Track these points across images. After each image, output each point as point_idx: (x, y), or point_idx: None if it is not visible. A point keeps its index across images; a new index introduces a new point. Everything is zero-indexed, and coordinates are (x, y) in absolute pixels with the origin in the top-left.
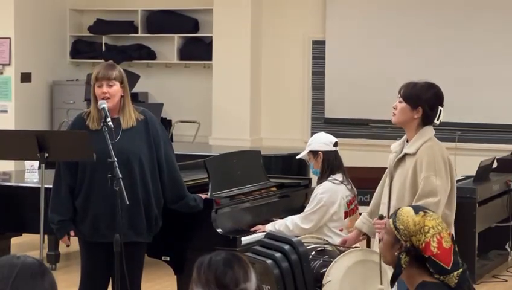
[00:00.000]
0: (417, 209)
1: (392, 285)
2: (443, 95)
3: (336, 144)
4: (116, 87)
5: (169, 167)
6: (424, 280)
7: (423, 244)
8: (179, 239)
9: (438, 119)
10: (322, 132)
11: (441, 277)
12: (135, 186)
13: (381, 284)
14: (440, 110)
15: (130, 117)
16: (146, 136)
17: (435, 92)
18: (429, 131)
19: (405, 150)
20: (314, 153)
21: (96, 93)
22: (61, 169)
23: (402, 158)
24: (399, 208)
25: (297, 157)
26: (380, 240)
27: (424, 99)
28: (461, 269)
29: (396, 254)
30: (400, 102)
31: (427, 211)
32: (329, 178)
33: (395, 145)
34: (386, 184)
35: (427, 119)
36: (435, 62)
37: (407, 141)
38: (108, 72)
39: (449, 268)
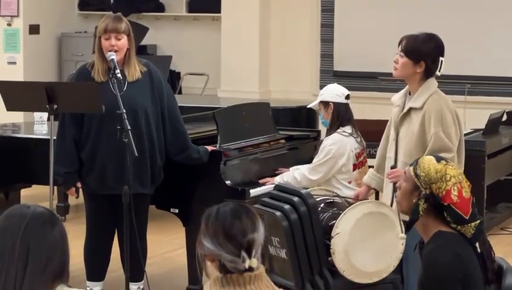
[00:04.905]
0: (439, 158)
1: (407, 231)
2: (443, 44)
3: (347, 97)
4: (124, 40)
5: (172, 118)
6: (440, 229)
7: (443, 192)
8: (188, 191)
9: (439, 70)
10: (335, 84)
11: (458, 227)
12: (141, 138)
13: (402, 232)
14: (441, 61)
15: (135, 70)
16: (150, 89)
17: (436, 44)
18: (433, 83)
19: (410, 104)
20: (325, 104)
21: (104, 45)
22: (66, 121)
23: (407, 112)
24: (420, 157)
25: (308, 106)
26: (397, 189)
27: (426, 53)
28: (478, 221)
29: (414, 201)
30: (401, 56)
31: (449, 161)
32: (338, 130)
33: (397, 97)
34: (392, 139)
35: (429, 72)
36: (444, 15)
37: (409, 94)
38: (117, 24)
39: (467, 218)
